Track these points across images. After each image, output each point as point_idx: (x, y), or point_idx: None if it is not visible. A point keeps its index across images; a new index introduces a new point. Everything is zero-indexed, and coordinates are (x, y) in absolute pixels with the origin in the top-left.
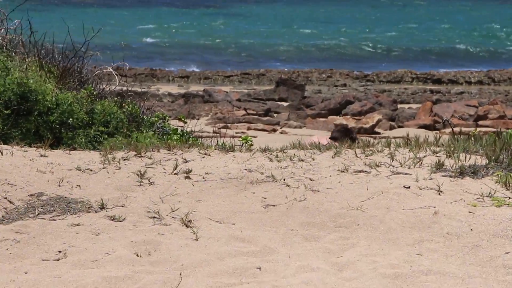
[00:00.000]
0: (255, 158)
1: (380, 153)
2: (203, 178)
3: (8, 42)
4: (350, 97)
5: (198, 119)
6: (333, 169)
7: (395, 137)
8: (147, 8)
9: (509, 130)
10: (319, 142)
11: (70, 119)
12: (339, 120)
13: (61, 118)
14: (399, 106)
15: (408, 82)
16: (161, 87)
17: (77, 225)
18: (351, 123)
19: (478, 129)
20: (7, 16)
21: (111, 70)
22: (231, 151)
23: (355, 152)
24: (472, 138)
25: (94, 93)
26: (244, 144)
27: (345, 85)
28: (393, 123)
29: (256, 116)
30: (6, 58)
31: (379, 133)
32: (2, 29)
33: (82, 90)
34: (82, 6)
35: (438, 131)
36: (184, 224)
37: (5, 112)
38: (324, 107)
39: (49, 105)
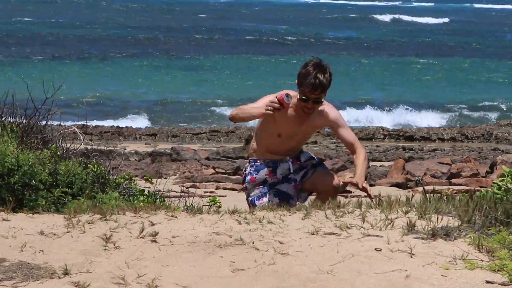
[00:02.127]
0: (223, 220)
1: (351, 214)
2: (170, 241)
3: None
4: (321, 155)
5: (165, 178)
6: (303, 232)
7: (365, 196)
8: (107, 62)
9: (482, 190)
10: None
11: (33, 181)
12: None
13: (23, 180)
14: (371, 164)
15: (380, 139)
16: (128, 145)
17: None
18: None
19: (451, 187)
20: None
21: (75, 129)
22: (199, 213)
23: (325, 213)
24: (445, 198)
25: (58, 153)
26: (212, 206)
27: (316, 142)
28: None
29: (225, 175)
30: None
31: (350, 192)
32: None
33: (45, 150)
34: (42, 61)
35: (410, 189)
36: None
37: None
38: None
39: (10, 167)
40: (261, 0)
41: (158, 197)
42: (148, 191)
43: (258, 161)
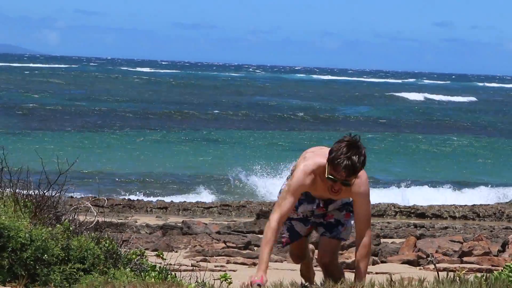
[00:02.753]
0: None
1: None
2: None
3: None
4: None
5: (176, 251)
6: None
7: (377, 273)
8: (120, 136)
9: (494, 272)
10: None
11: (45, 255)
12: None
13: (36, 255)
14: (382, 240)
15: (392, 216)
16: (139, 218)
17: None
18: None
19: (463, 265)
20: None
21: (89, 204)
22: None
23: None
24: (458, 280)
25: (71, 228)
26: (222, 282)
27: None
28: (376, 258)
29: (236, 249)
30: None
31: None
32: None
33: (58, 225)
34: (59, 130)
35: (422, 267)
36: None
37: None
38: None
39: (23, 241)
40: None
41: (169, 272)
42: (160, 266)
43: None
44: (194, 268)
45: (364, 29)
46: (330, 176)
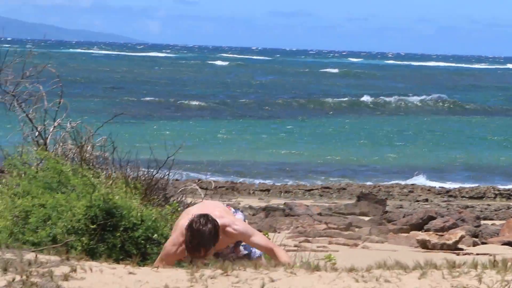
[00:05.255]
0: (341, 278)
1: (466, 275)
2: None
3: (95, 158)
4: (432, 213)
5: (279, 232)
6: None
7: (478, 254)
8: (222, 121)
9: None
10: None
11: (155, 235)
12: (421, 235)
13: (146, 234)
14: (482, 222)
15: (491, 198)
16: (242, 200)
17: None
18: (433, 238)
19: None
20: (94, 133)
21: (196, 186)
22: (317, 270)
23: (442, 273)
24: None
25: (179, 209)
26: (327, 263)
27: (426, 200)
28: (476, 240)
29: (337, 230)
30: (92, 175)
31: (462, 249)
32: (89, 146)
33: (167, 206)
34: (172, 119)
35: None
36: None
37: (92, 227)
38: (406, 222)
39: (134, 221)
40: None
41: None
42: None
43: None
44: (297, 248)
45: (460, 15)
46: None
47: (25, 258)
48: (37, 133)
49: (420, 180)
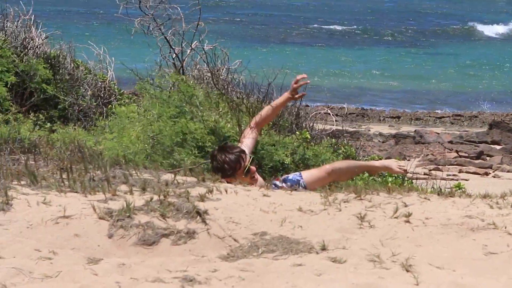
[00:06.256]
0: (475, 204)
1: None
2: (423, 223)
3: (228, 82)
4: None
5: (409, 160)
6: None
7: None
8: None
9: None
10: None
11: (287, 160)
12: None
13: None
14: None
15: None
16: (372, 127)
17: (299, 265)
18: None
19: None
20: (228, 56)
21: (328, 111)
22: (451, 196)
23: None
24: None
25: (308, 136)
26: (457, 191)
27: None
28: None
29: (468, 159)
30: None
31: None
32: (224, 69)
33: (296, 133)
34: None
35: None
36: (405, 268)
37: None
38: None
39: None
40: None
41: (405, 179)
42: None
43: None
44: (428, 176)
45: None
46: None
47: (163, 178)
48: (174, 55)
49: None
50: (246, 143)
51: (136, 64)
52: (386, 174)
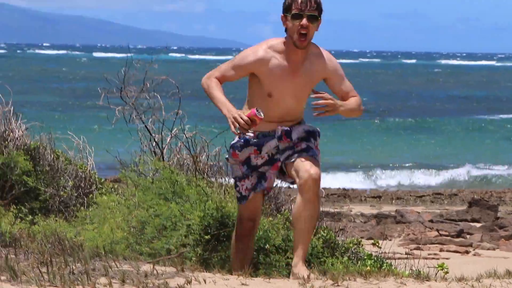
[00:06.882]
0: None
1: None
2: None
3: (209, 168)
4: None
5: (390, 240)
6: None
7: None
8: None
9: None
10: None
11: (267, 245)
12: None
13: (258, 244)
14: None
15: None
16: (354, 207)
17: None
18: None
19: None
20: (208, 143)
21: None
22: (427, 280)
23: None
24: None
25: (290, 218)
26: (439, 272)
27: None
28: None
29: (449, 237)
30: (206, 185)
31: None
32: (204, 155)
33: (279, 215)
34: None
35: None
36: None
37: (205, 237)
38: None
39: None
40: None
41: (384, 261)
42: (376, 255)
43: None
44: (408, 256)
45: None
46: (295, 13)
47: (142, 269)
48: (154, 143)
49: None
50: None
51: (118, 149)
52: (366, 257)
